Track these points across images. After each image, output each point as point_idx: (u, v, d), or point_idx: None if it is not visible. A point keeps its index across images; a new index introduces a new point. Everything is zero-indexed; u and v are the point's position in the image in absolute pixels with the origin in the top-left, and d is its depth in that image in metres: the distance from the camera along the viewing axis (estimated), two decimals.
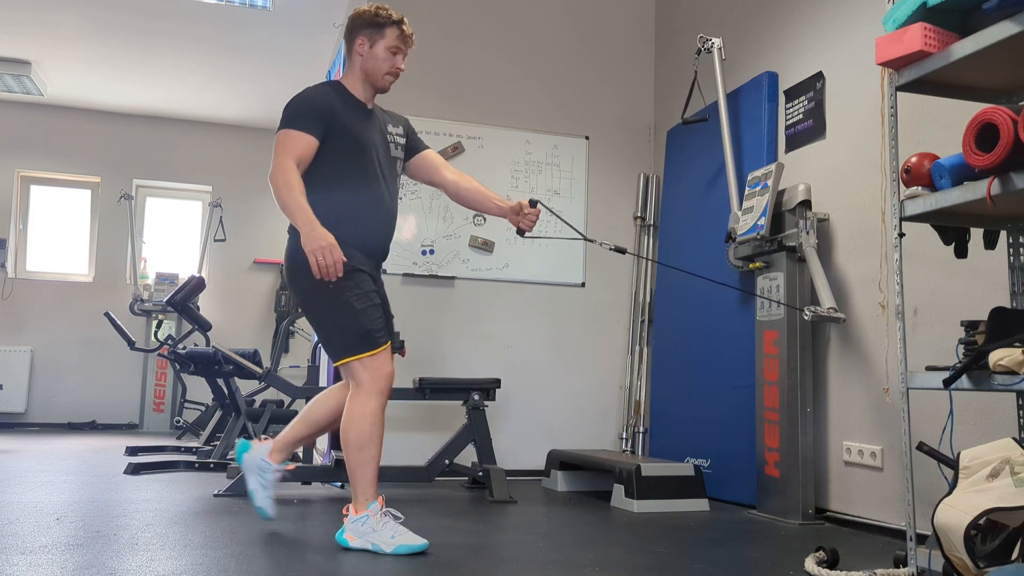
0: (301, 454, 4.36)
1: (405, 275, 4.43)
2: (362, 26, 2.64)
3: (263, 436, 2.94)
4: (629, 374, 4.73)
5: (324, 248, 2.39)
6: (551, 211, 2.85)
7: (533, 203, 2.76)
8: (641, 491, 3.44)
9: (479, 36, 4.73)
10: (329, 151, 2.55)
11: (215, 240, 7.83)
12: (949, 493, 2.00)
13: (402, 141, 2.78)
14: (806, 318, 3.11)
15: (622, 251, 2.90)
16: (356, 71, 2.67)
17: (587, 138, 4.85)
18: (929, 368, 2.21)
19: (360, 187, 2.57)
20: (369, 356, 2.51)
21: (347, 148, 2.56)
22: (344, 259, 2.43)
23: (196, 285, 5.43)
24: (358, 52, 2.65)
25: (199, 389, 7.21)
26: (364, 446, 2.48)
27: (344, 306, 2.50)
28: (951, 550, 1.92)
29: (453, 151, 4.58)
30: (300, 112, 2.54)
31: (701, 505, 3.52)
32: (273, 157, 2.50)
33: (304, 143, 2.50)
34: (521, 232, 2.79)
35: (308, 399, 3.96)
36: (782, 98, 3.79)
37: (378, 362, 2.52)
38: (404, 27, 2.65)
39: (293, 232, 2.55)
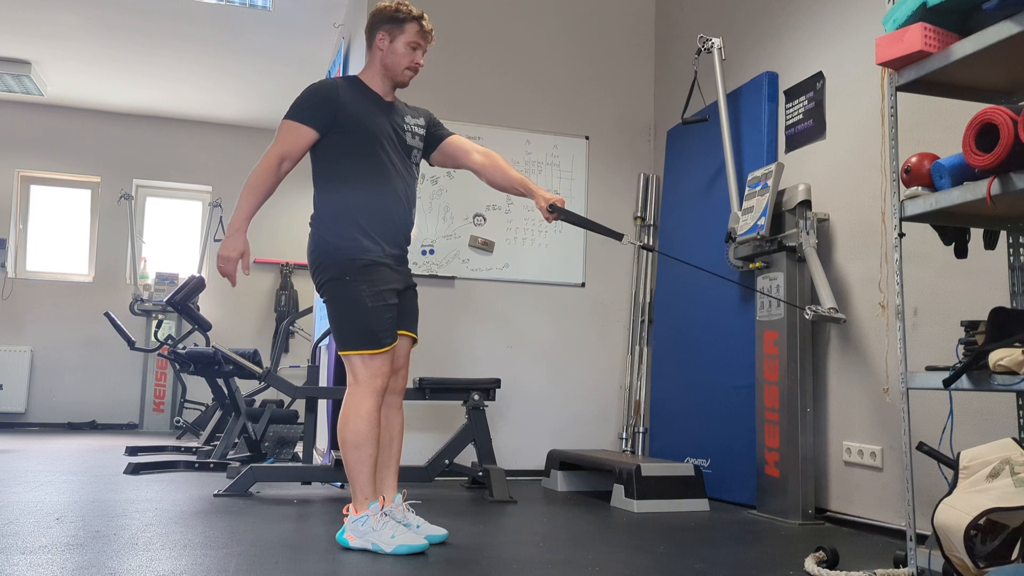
0: (301, 454, 4.36)
1: None
2: (383, 21, 2.67)
3: None
4: (629, 374, 4.73)
5: (228, 259, 2.52)
6: (573, 222, 2.80)
7: (552, 208, 2.72)
8: (641, 491, 3.44)
9: (479, 36, 4.73)
10: (339, 143, 2.59)
11: (215, 240, 7.83)
12: (949, 493, 2.00)
13: (421, 132, 2.78)
14: (807, 317, 3.11)
15: (651, 249, 3.01)
16: (376, 65, 2.70)
17: (587, 138, 4.84)
18: (929, 368, 2.21)
19: (374, 178, 2.59)
20: (369, 354, 2.53)
21: (356, 138, 2.59)
22: (246, 270, 2.54)
23: (196, 285, 5.43)
24: (378, 47, 2.68)
25: (199, 389, 7.23)
26: (360, 445, 2.50)
27: (356, 302, 2.53)
28: (951, 550, 1.92)
29: None
30: (303, 103, 2.60)
31: (701, 505, 3.52)
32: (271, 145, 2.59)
33: (298, 134, 2.57)
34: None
35: (308, 399, 3.97)
36: (782, 98, 3.79)
37: (378, 361, 2.54)
38: (424, 23, 2.70)
39: (314, 224, 2.62)
